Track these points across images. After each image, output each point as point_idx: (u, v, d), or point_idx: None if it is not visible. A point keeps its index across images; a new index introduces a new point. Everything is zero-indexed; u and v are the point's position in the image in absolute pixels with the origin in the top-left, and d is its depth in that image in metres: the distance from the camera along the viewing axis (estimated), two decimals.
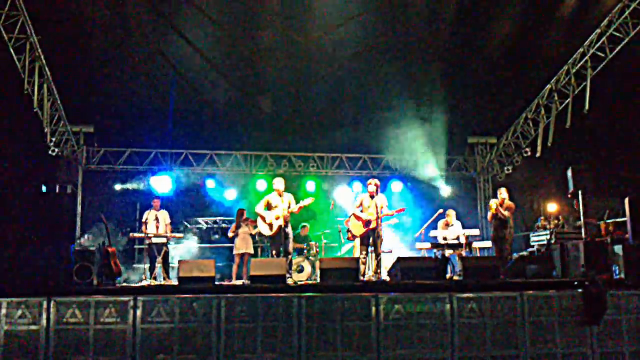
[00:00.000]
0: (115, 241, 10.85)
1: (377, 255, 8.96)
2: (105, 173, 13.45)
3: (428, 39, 11.40)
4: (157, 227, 9.98)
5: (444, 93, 12.69)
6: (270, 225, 9.18)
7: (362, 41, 11.51)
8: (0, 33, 9.18)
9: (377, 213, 8.92)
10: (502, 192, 10.20)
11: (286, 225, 9.17)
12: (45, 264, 7.41)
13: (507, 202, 10.07)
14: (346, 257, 11.25)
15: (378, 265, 8.91)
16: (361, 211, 9.17)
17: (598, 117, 11.47)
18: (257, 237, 10.66)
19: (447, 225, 10.76)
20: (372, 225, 8.98)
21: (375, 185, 9.19)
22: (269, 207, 9.30)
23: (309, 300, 6.88)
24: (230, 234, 10.54)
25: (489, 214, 10.24)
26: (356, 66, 12.13)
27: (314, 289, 7.21)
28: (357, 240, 9.88)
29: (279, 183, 9.37)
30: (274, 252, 9.22)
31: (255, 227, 9.84)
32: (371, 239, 9.06)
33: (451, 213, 10.83)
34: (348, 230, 10.36)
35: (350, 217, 9.47)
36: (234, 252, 10.38)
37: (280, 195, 9.29)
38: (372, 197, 9.13)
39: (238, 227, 10.36)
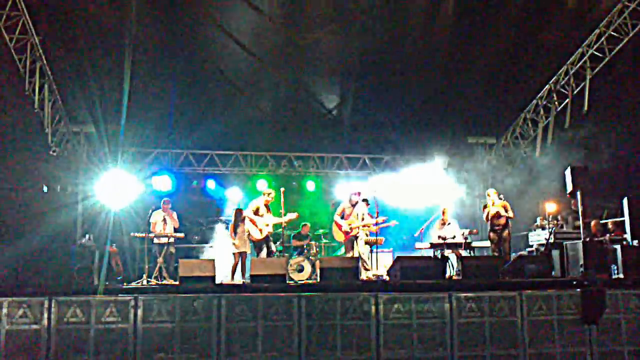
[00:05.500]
0: (116, 241, 10.88)
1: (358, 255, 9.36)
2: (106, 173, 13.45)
3: (428, 38, 11.41)
4: (164, 229, 10.02)
5: (443, 93, 12.70)
6: (261, 231, 9.56)
7: (361, 41, 11.53)
8: (1, 33, 9.20)
9: (362, 220, 9.58)
10: (491, 194, 10.32)
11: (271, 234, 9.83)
12: (47, 264, 7.44)
13: (503, 202, 10.13)
14: (346, 257, 11.27)
15: (364, 266, 9.32)
16: (342, 218, 9.73)
17: (597, 117, 11.49)
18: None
19: (443, 224, 10.77)
20: (354, 232, 9.56)
21: (358, 194, 9.84)
22: (256, 213, 9.65)
23: (309, 300, 6.92)
24: (230, 233, 10.63)
25: (485, 215, 10.32)
26: (356, 66, 12.14)
27: (314, 289, 7.25)
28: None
29: (270, 195, 9.78)
30: (257, 253, 9.59)
31: None
32: (351, 245, 9.63)
33: (447, 211, 10.86)
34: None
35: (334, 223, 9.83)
36: (233, 251, 10.46)
37: (266, 206, 9.78)
38: (353, 206, 9.70)
39: (236, 226, 10.46)
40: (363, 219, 9.61)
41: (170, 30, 10.77)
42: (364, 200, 10.05)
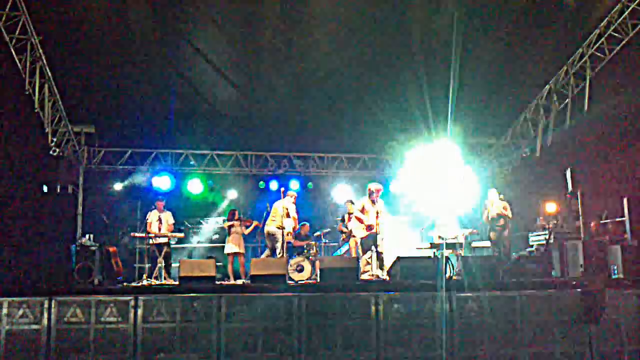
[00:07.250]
0: (116, 241, 10.89)
1: (379, 254, 9.13)
2: (106, 173, 13.48)
3: (427, 39, 11.41)
4: (160, 228, 10.03)
5: (443, 93, 12.70)
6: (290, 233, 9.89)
7: (362, 41, 11.53)
8: (1, 33, 9.20)
9: (377, 218, 9.19)
10: (492, 195, 10.31)
11: None
12: (47, 264, 7.46)
13: (503, 203, 10.13)
14: (346, 257, 11.28)
15: (381, 265, 9.03)
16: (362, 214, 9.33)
17: (597, 118, 11.49)
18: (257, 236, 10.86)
19: (444, 225, 10.77)
20: (376, 229, 9.17)
21: (378, 190, 9.38)
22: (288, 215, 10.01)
23: (309, 300, 6.91)
24: (225, 225, 10.75)
25: (485, 215, 10.32)
26: (356, 67, 12.14)
27: (314, 289, 7.25)
28: (353, 241, 10.06)
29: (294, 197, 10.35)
30: (289, 254, 9.77)
31: (248, 227, 10.47)
32: (372, 241, 9.22)
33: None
34: (342, 232, 10.51)
35: (344, 219, 9.65)
36: (225, 251, 10.51)
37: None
38: (373, 202, 9.31)
39: (230, 227, 10.52)
40: (377, 216, 9.31)
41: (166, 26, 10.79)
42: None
